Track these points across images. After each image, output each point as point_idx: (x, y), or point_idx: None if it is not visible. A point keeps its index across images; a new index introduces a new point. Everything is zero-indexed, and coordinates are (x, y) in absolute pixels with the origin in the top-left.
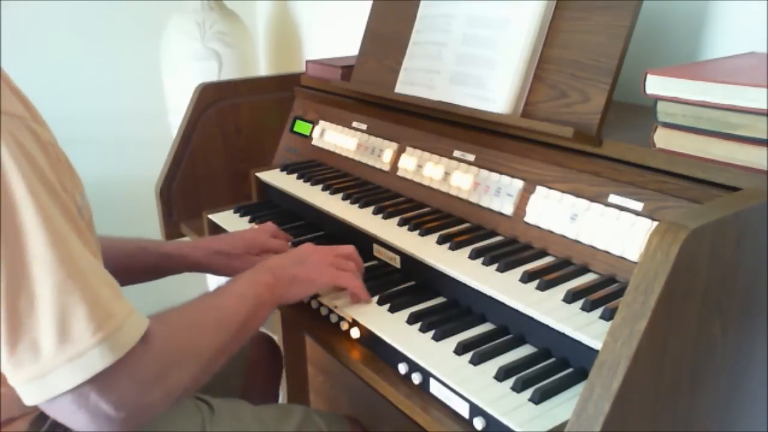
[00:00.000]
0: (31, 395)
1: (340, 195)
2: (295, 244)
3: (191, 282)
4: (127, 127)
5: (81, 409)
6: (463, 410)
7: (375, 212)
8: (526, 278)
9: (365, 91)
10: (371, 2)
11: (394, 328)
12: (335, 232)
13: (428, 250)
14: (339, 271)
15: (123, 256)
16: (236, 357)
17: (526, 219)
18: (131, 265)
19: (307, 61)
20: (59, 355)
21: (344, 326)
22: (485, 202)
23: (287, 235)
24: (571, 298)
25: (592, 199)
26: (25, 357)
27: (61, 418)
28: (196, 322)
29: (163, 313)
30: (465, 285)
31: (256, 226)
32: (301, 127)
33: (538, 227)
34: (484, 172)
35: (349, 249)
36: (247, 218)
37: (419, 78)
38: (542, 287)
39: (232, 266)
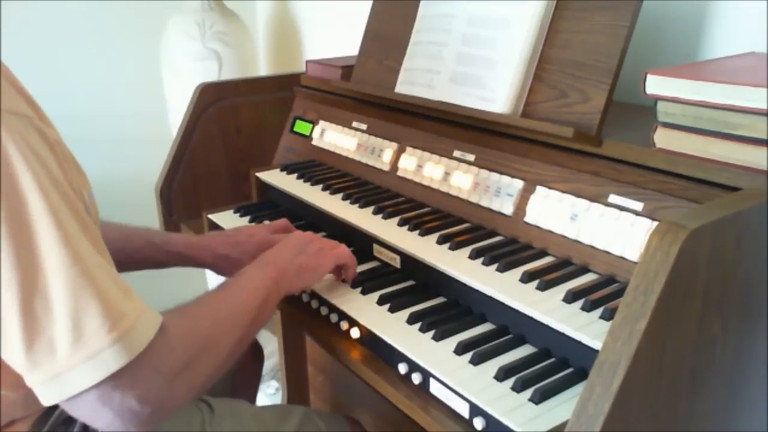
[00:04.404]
0: (49, 395)
1: (340, 195)
2: None
3: (192, 281)
4: (127, 127)
5: (105, 407)
6: (463, 410)
7: (375, 212)
8: (526, 278)
9: (365, 91)
10: (371, 2)
11: (394, 328)
12: (335, 232)
13: (428, 250)
14: (336, 250)
15: (131, 249)
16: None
17: (526, 219)
18: (137, 258)
19: (307, 61)
20: (75, 355)
21: (344, 326)
22: (485, 202)
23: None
24: (571, 298)
25: (592, 199)
26: (42, 357)
27: (84, 417)
28: (214, 316)
29: (180, 308)
30: (465, 285)
31: (269, 223)
32: (301, 127)
33: (538, 227)
34: (484, 172)
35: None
36: (247, 218)
37: (419, 78)
38: (542, 287)
39: (237, 270)
